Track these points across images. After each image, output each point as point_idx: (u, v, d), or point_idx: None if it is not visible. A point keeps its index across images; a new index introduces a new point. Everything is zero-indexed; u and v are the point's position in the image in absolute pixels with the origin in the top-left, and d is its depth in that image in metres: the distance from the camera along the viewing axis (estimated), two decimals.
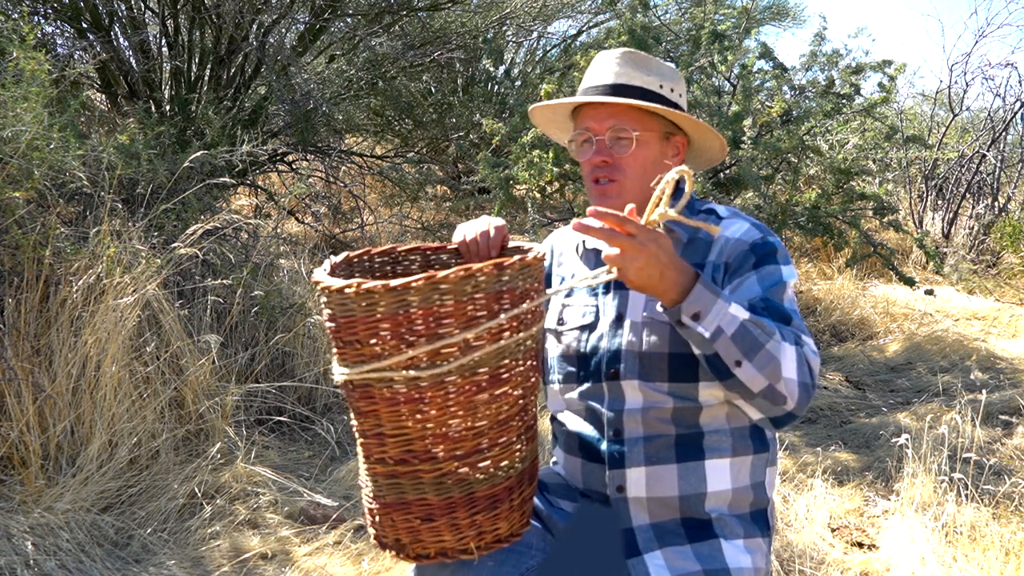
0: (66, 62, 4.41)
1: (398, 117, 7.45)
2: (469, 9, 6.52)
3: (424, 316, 1.11)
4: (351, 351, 1.15)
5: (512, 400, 1.22)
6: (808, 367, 1.26)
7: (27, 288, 2.83)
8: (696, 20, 5.49)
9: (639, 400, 1.38)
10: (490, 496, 1.22)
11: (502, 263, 1.13)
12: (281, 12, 5.00)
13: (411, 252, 1.46)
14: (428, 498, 1.20)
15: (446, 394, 1.14)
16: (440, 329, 1.11)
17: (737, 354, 1.22)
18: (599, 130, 1.43)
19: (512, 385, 1.20)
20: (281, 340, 3.57)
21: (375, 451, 1.20)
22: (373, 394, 1.16)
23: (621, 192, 1.43)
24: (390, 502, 1.22)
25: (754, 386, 1.24)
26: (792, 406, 1.26)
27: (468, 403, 1.16)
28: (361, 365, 1.14)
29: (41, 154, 2.82)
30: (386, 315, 1.11)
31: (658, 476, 1.37)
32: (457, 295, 1.11)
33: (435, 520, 1.20)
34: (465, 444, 1.18)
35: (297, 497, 2.80)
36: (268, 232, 4.47)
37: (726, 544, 1.36)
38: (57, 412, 2.74)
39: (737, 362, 1.22)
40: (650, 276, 1.16)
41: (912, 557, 2.40)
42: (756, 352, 1.22)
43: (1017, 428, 3.56)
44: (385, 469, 1.20)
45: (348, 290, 1.11)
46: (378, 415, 1.17)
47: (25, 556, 2.27)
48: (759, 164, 4.70)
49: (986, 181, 8.10)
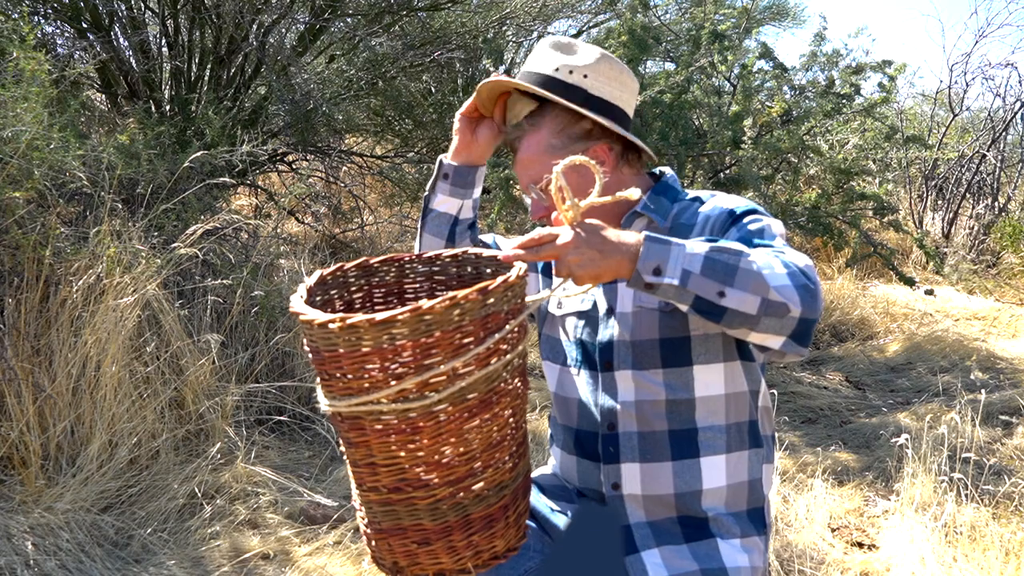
0: (66, 62, 4.41)
1: (398, 117, 7.44)
2: (469, 9, 6.52)
3: (412, 348, 1.08)
4: (338, 384, 1.13)
5: (503, 421, 1.20)
6: (799, 270, 1.18)
7: (27, 288, 2.83)
8: (696, 20, 5.48)
9: (632, 392, 1.37)
10: (486, 516, 1.22)
11: (486, 287, 1.10)
12: (281, 12, 5.00)
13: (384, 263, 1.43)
14: (424, 523, 1.19)
15: (437, 423, 1.13)
16: (428, 360, 1.09)
17: (716, 286, 1.15)
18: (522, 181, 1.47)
19: (502, 406, 1.19)
20: (281, 340, 3.57)
21: (368, 480, 1.19)
22: (363, 426, 1.14)
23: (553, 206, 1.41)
24: (385, 528, 1.21)
25: (749, 308, 1.16)
26: (799, 310, 1.16)
27: (459, 430, 1.15)
28: (349, 398, 1.12)
29: (41, 154, 2.82)
30: (373, 349, 1.08)
31: (653, 473, 1.37)
32: (443, 325, 1.09)
33: (432, 544, 1.20)
34: (458, 470, 1.17)
35: (297, 497, 2.80)
36: (268, 232, 4.47)
37: (723, 543, 1.36)
38: (57, 412, 2.74)
39: (719, 293, 1.15)
40: (592, 260, 1.14)
41: (912, 557, 2.40)
42: (733, 275, 1.15)
43: (1017, 428, 3.56)
44: (379, 497, 1.19)
45: (332, 325, 1.08)
46: (369, 446, 1.16)
47: (25, 556, 2.27)
48: (759, 164, 4.70)
49: (986, 181, 8.10)
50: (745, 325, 1.18)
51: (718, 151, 4.58)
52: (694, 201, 1.44)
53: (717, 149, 4.53)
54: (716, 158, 4.84)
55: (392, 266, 1.44)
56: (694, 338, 1.36)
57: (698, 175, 4.56)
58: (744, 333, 1.20)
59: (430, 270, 1.45)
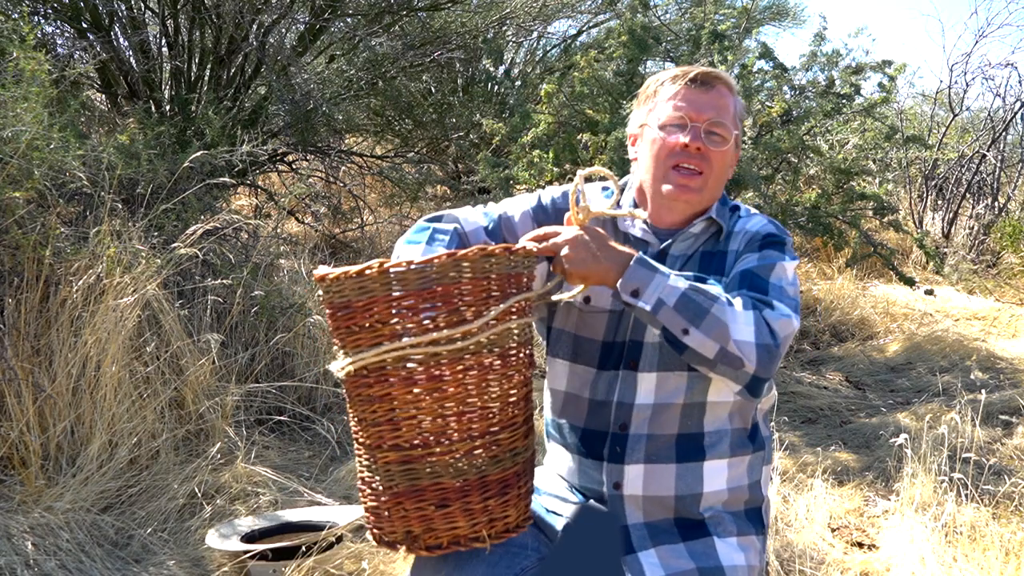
0: (66, 62, 4.41)
1: (398, 117, 7.45)
2: (469, 9, 6.51)
3: (444, 293, 1.15)
4: (366, 336, 1.17)
5: (519, 383, 1.26)
6: (768, 328, 1.25)
7: (27, 288, 2.83)
8: (696, 20, 5.48)
9: (651, 395, 1.37)
10: (501, 480, 1.24)
11: (510, 247, 1.20)
12: (281, 12, 5.00)
13: None
14: (443, 482, 1.21)
15: (465, 370, 1.18)
16: (461, 305, 1.16)
17: (683, 322, 1.24)
18: (698, 118, 1.38)
19: (516, 367, 1.24)
20: (281, 340, 3.57)
21: (388, 438, 1.21)
22: (388, 376, 1.18)
23: (703, 186, 1.40)
24: (403, 491, 1.22)
25: (707, 352, 1.24)
26: (753, 368, 1.24)
27: (482, 381, 1.20)
28: (378, 347, 1.16)
29: (41, 154, 2.82)
30: (408, 292, 1.14)
31: (656, 475, 1.37)
32: (476, 272, 1.16)
33: (449, 505, 1.22)
34: (479, 425, 1.21)
35: (297, 497, 2.80)
36: (268, 232, 4.47)
37: (719, 542, 1.36)
38: (57, 412, 2.74)
39: (684, 330, 1.24)
40: (583, 260, 1.25)
41: (912, 557, 2.40)
42: (701, 318, 1.23)
43: (1017, 428, 3.56)
44: (399, 455, 1.21)
45: (369, 271, 1.14)
46: (392, 399, 1.19)
47: (25, 556, 2.27)
48: (759, 164, 4.70)
49: (986, 181, 8.10)
50: (703, 365, 1.27)
51: None
52: (734, 210, 1.48)
53: None
54: None
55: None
56: None
57: None
58: (705, 371, 1.29)
59: None
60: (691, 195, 1.39)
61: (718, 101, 1.39)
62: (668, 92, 1.41)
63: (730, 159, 1.44)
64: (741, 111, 1.46)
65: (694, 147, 1.37)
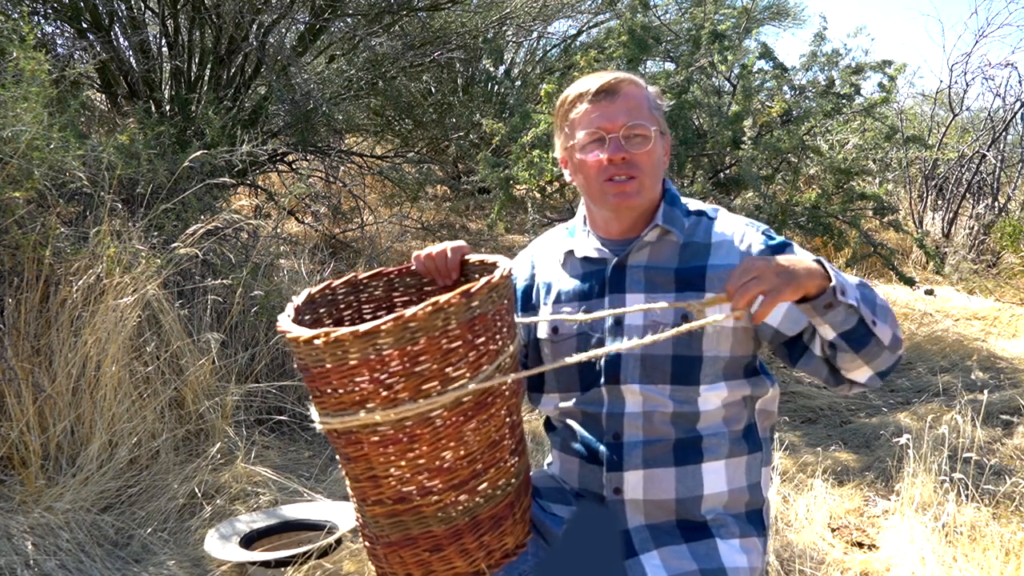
0: (66, 62, 4.41)
1: (398, 117, 7.45)
2: (469, 9, 6.52)
3: (399, 356, 1.07)
4: (330, 400, 1.12)
5: (500, 421, 1.19)
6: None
7: (27, 288, 2.83)
8: (696, 20, 5.48)
9: (639, 404, 1.38)
10: (493, 516, 1.21)
11: (469, 290, 1.10)
12: (281, 12, 5.00)
13: (373, 279, 1.42)
14: (433, 530, 1.18)
15: (435, 429, 1.12)
16: (417, 367, 1.08)
17: (870, 314, 1.27)
18: (612, 128, 1.39)
19: (498, 406, 1.18)
20: (281, 340, 3.57)
21: (371, 494, 1.18)
22: (360, 440, 1.13)
23: (640, 190, 1.40)
24: (395, 540, 1.20)
25: (886, 339, 1.29)
26: (902, 350, 1.34)
27: (458, 434, 1.14)
28: (342, 414, 1.11)
29: (41, 154, 2.82)
30: (360, 361, 1.07)
31: (656, 479, 1.37)
32: (429, 331, 1.07)
33: (444, 549, 1.19)
34: (461, 472, 1.16)
35: (297, 497, 2.80)
36: (268, 232, 4.47)
37: (722, 543, 1.36)
38: (57, 412, 2.74)
39: (873, 321, 1.27)
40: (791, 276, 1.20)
41: (912, 557, 2.40)
42: (875, 305, 1.29)
43: (1017, 428, 3.56)
44: (384, 509, 1.19)
45: (317, 341, 1.07)
46: (368, 459, 1.14)
47: (25, 556, 2.27)
48: (759, 164, 4.70)
49: (986, 181, 8.09)
50: (873, 357, 1.29)
51: (718, 151, 4.58)
52: (699, 216, 1.46)
53: (717, 149, 4.53)
54: (716, 158, 4.84)
55: (380, 280, 1.42)
56: (705, 359, 1.37)
57: (698, 175, 4.56)
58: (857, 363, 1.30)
59: (419, 281, 1.43)
60: (632, 199, 1.41)
61: (627, 104, 1.40)
62: (577, 113, 1.43)
63: (659, 151, 1.44)
64: (654, 97, 1.45)
65: (618, 158, 1.39)
